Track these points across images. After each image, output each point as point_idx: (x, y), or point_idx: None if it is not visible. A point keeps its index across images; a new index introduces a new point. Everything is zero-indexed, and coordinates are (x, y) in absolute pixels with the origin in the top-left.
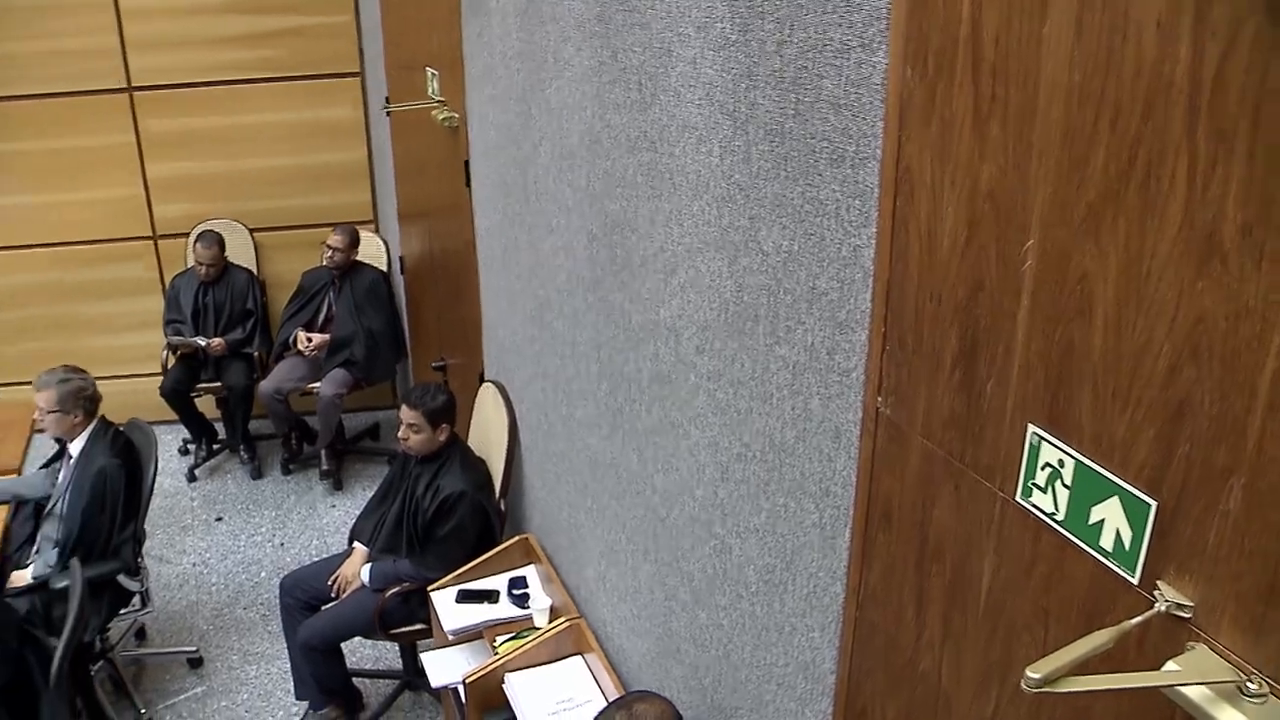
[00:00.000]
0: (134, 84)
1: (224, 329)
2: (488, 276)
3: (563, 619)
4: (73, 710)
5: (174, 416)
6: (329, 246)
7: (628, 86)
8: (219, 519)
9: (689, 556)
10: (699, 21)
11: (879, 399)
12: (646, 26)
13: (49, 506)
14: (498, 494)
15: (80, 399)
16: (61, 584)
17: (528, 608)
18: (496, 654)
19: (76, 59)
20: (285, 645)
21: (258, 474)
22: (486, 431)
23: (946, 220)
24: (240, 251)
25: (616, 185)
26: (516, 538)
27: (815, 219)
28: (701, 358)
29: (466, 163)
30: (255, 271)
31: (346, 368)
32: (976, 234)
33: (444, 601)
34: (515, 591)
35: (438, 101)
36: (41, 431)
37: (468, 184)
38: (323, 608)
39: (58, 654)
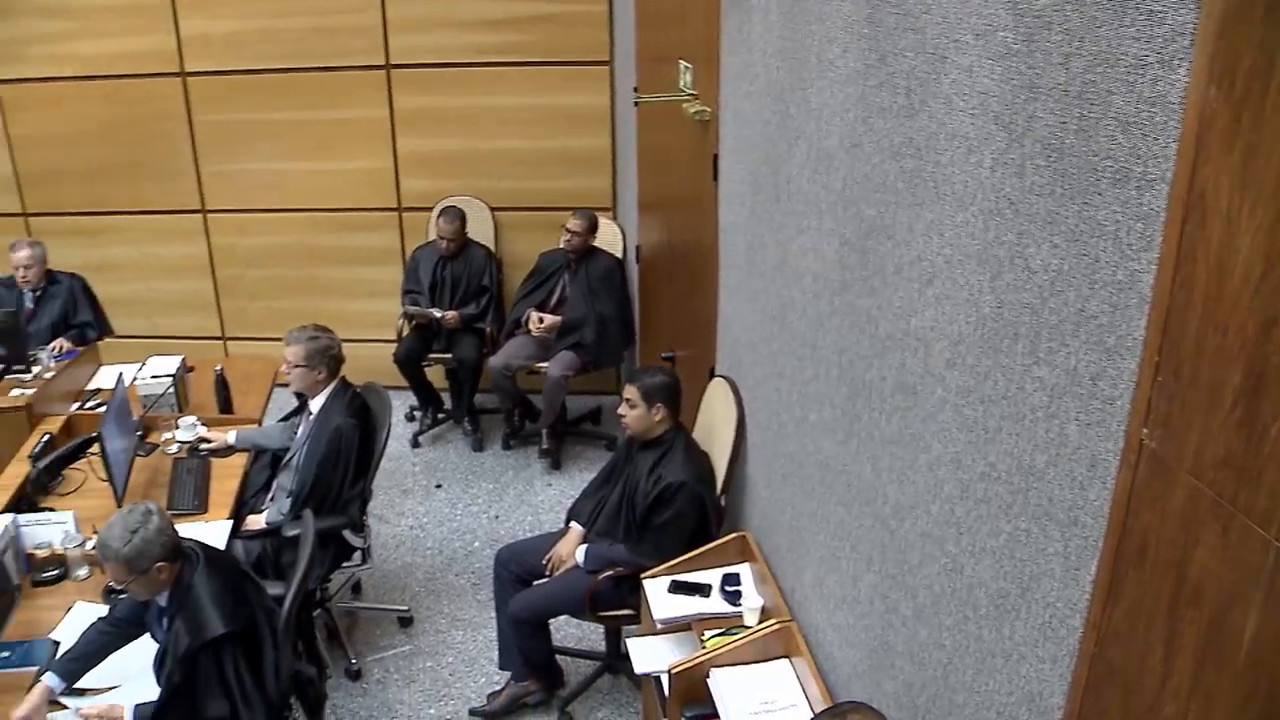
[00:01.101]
0: (392, 62)
1: (459, 303)
2: (728, 272)
3: (773, 620)
4: (293, 651)
5: (404, 383)
6: (568, 230)
7: (895, 91)
8: (438, 486)
9: (916, 571)
10: (978, 29)
11: (1144, 430)
12: (920, 31)
13: (286, 458)
14: (718, 489)
15: (326, 357)
16: (292, 532)
17: (739, 605)
18: (704, 648)
19: (342, 36)
20: (494, 615)
21: (479, 446)
22: (712, 426)
23: (1241, 251)
24: (480, 229)
25: (875, 190)
26: (734, 534)
27: (1090, 240)
28: (951, 372)
29: (715, 157)
30: (493, 249)
31: (575, 350)
32: (1276, 268)
33: (656, 590)
34: (728, 588)
35: (689, 95)
36: (285, 385)
37: (715, 179)
38: (535, 583)
39: (288, 598)
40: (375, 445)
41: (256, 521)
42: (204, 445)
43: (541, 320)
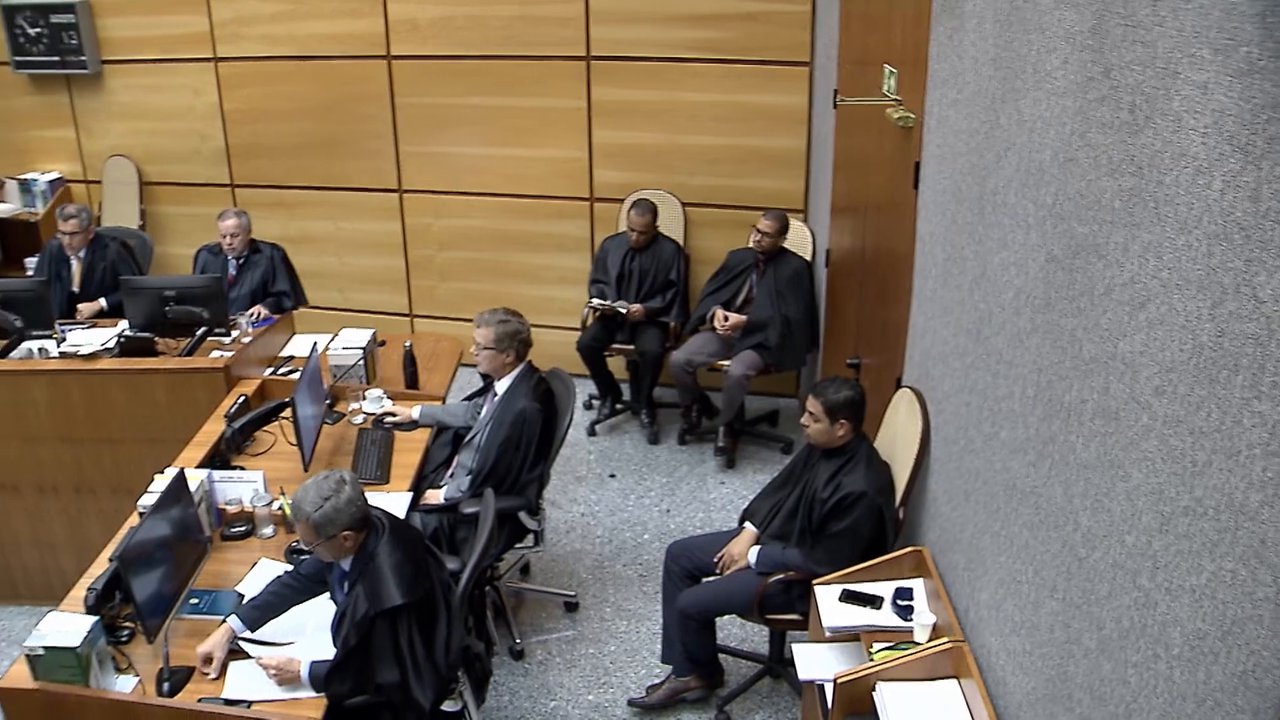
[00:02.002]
0: (592, 53)
1: (645, 295)
2: (922, 282)
3: (945, 639)
4: (464, 627)
5: (584, 371)
6: (758, 230)
7: (1118, 106)
8: (612, 476)
9: (1104, 603)
10: (1218, 44)
11: None
12: (1150, 45)
13: (468, 436)
14: (897, 501)
15: (515, 341)
16: (470, 510)
17: (910, 620)
18: (871, 660)
19: (545, 26)
20: (659, 607)
21: (654, 439)
22: (895, 437)
23: None
24: (671, 224)
25: (1089, 208)
26: (909, 549)
27: None
28: (1159, 400)
29: (917, 165)
30: (682, 244)
31: (758, 351)
32: None
33: (827, 597)
34: (900, 602)
35: (893, 100)
36: (470, 365)
37: (915, 186)
38: (704, 580)
39: (465, 574)
40: (557, 431)
41: (435, 496)
42: (389, 418)
43: (726, 318)
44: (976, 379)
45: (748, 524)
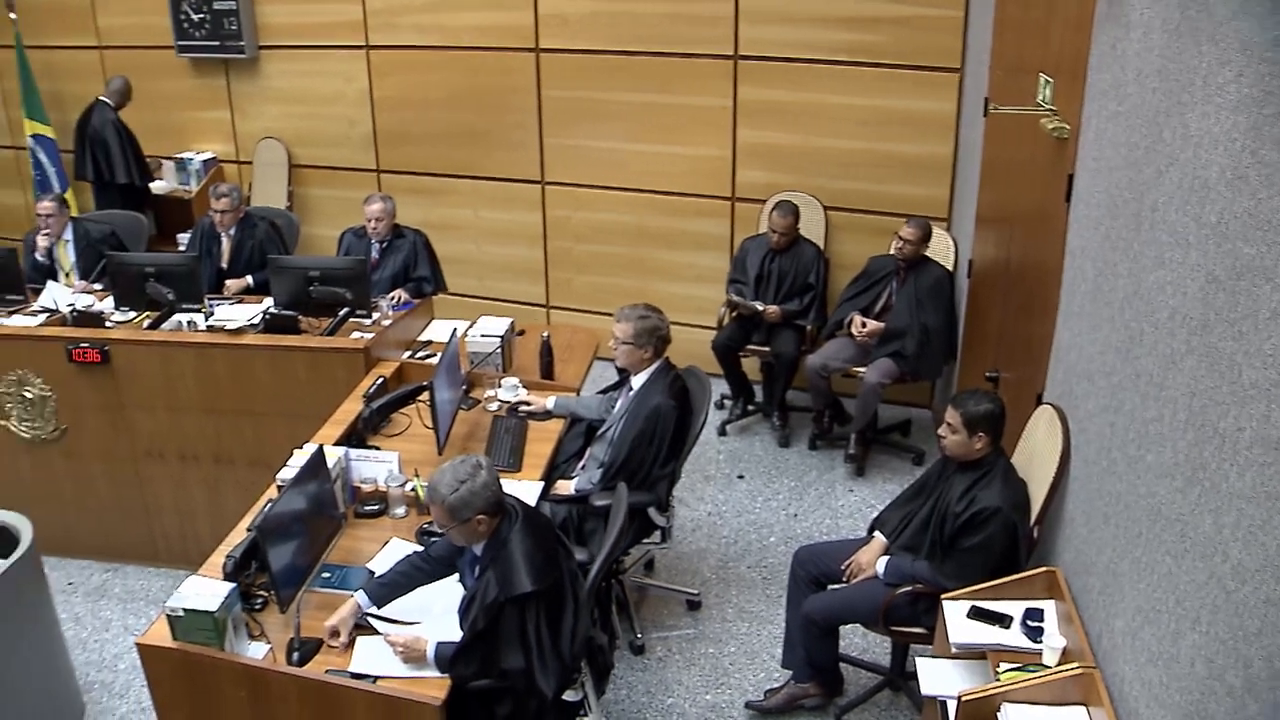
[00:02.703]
0: (740, 53)
1: (783, 298)
2: (1070, 297)
3: (1075, 664)
4: (590, 618)
5: (718, 370)
6: (900, 237)
7: None
8: (740, 477)
9: (1253, 640)
10: None
11: None
12: None
13: (602, 429)
14: (1032, 519)
15: (654, 337)
16: (600, 503)
17: (1040, 643)
18: (997, 680)
19: (693, 24)
20: (782, 611)
21: (785, 443)
22: (1032, 454)
23: None
24: (812, 227)
25: (1257, 228)
26: (1042, 569)
27: None
28: None
29: (1070, 177)
30: (822, 248)
31: (894, 359)
32: None
33: (955, 613)
34: (1030, 623)
35: (1048, 109)
36: (605, 359)
37: (1067, 199)
38: (830, 587)
39: (595, 567)
40: (691, 429)
41: (566, 487)
42: (523, 407)
43: (864, 325)
44: (1124, 399)
45: (877, 533)
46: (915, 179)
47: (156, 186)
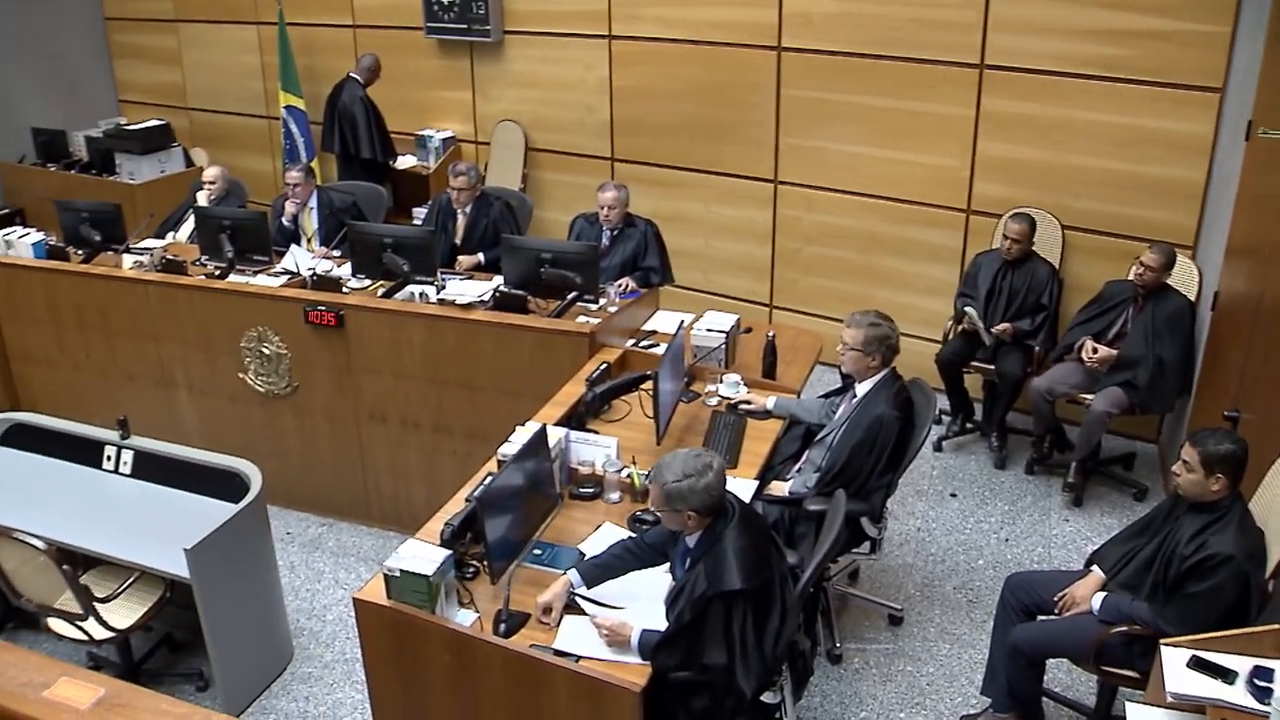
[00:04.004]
0: (986, 62)
1: (1014, 315)
2: None
3: None
4: (796, 621)
5: (939, 384)
6: (1141, 263)
7: None
8: (953, 495)
9: None
10: None
11: None
12: None
13: (821, 434)
14: (1267, 572)
15: (883, 346)
16: (815, 507)
17: (1267, 705)
18: None
19: (940, 30)
20: (986, 637)
21: (1001, 464)
22: (1273, 502)
23: None
24: (1048, 246)
25: None
26: (1275, 626)
27: None
28: None
29: None
30: (1057, 267)
31: (1124, 388)
32: None
33: (1174, 660)
34: (1257, 681)
35: None
36: (827, 364)
37: None
38: (1039, 617)
39: (808, 572)
40: (912, 441)
41: (780, 488)
42: (743, 405)
43: (1096, 350)
44: None
45: (1095, 568)
46: (1162, 203)
47: (396, 161)
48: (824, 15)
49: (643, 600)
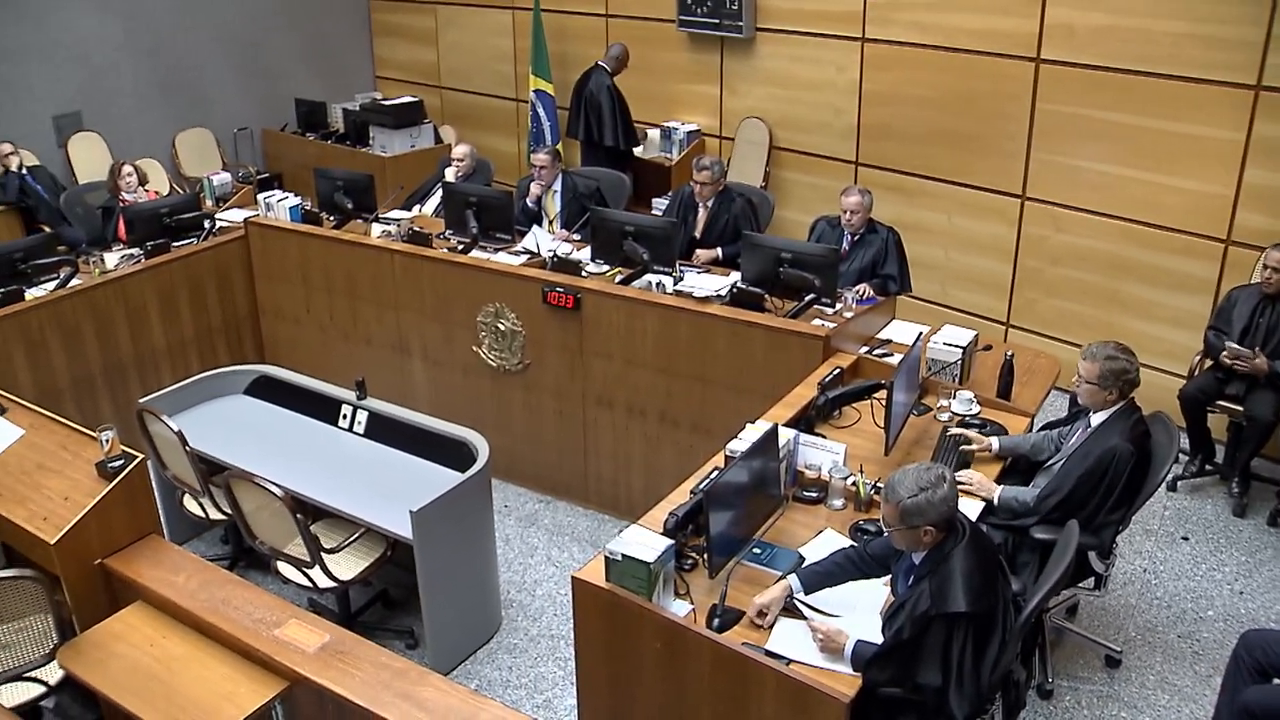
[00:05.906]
0: (1263, 83)
1: (1271, 354)
2: None
3: None
4: (1016, 650)
5: (1180, 421)
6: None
7: None
8: (1185, 538)
9: None
10: None
11: None
12: None
13: (1049, 461)
14: None
15: (1120, 380)
16: (1042, 536)
17: None
18: None
19: (1213, 47)
20: (1210, 693)
21: (1240, 512)
22: None
23: None
24: None
25: None
26: None
27: None
28: None
29: None
30: None
31: None
32: None
33: None
34: None
35: None
36: (1062, 390)
37: None
38: (1276, 680)
39: (1034, 601)
40: (1150, 478)
41: (988, 488)
42: (965, 447)
43: None
44: None
45: None
46: None
47: (640, 151)
48: (1089, 28)
49: (859, 611)
